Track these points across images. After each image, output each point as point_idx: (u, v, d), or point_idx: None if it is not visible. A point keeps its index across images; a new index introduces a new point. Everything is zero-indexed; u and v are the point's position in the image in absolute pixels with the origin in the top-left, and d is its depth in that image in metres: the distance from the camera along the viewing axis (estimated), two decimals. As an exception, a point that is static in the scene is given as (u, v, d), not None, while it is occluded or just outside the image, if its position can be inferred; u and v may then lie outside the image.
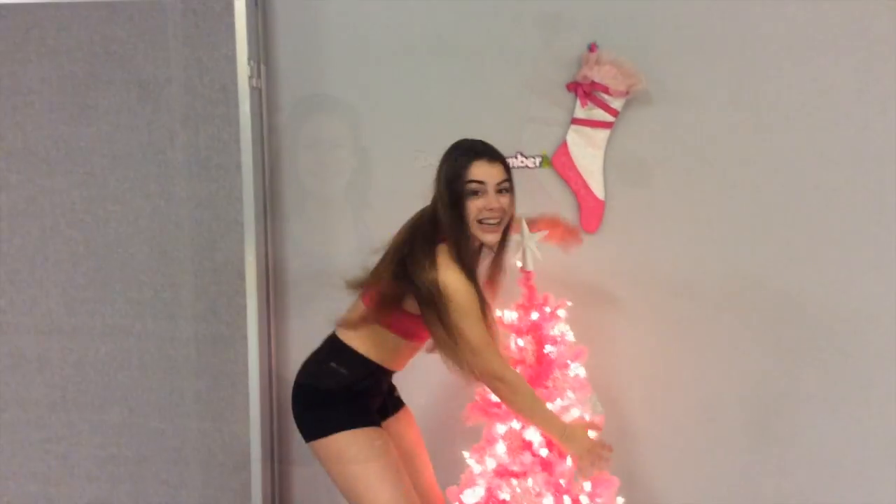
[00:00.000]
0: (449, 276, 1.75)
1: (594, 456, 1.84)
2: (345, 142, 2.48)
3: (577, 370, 1.95)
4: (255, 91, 2.39)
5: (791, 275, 2.36)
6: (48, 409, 2.59)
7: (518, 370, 1.91)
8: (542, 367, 1.91)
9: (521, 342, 1.93)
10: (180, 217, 2.47)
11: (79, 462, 2.61)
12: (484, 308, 1.78)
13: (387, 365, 1.94)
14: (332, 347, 1.94)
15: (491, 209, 1.81)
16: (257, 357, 2.43)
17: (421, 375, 2.08)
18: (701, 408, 2.44)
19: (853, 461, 2.41)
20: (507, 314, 1.99)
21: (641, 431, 2.46)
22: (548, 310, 1.97)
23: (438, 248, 1.80)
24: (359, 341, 1.91)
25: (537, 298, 1.98)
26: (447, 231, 1.81)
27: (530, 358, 1.91)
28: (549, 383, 1.90)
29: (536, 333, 1.93)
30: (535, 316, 1.94)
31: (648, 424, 2.46)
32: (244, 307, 2.42)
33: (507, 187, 1.84)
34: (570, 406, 1.91)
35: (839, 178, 2.31)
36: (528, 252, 1.98)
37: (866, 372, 2.36)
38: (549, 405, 1.88)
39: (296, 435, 1.96)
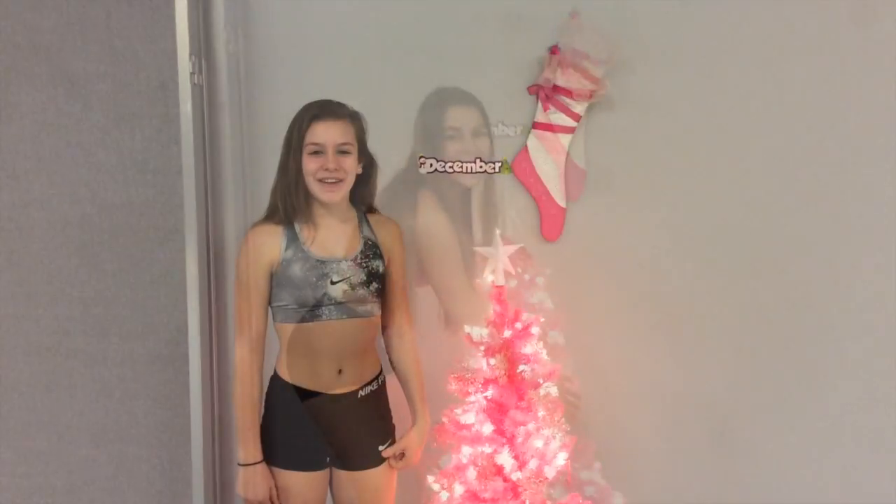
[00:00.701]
0: (430, 218, 1.99)
1: None
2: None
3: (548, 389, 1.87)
4: (197, 88, 2.21)
5: (759, 275, 2.35)
6: (-34, 437, 2.41)
7: (490, 391, 1.80)
8: (515, 387, 1.81)
9: (492, 361, 1.82)
10: (113, 225, 2.34)
11: (0, 493, 2.44)
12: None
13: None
14: None
15: (467, 151, 2.06)
16: (199, 377, 2.24)
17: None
18: (673, 408, 2.39)
19: (820, 450, 2.41)
20: (475, 331, 1.87)
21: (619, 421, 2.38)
22: (519, 326, 1.86)
23: (419, 194, 2.03)
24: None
25: (509, 314, 1.87)
26: (428, 179, 2.04)
27: (502, 378, 1.80)
28: (524, 404, 1.80)
29: (509, 351, 1.82)
30: (507, 333, 1.83)
31: (628, 418, 2.39)
32: (185, 324, 2.25)
33: (483, 132, 2.09)
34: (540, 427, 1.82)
35: (811, 182, 2.31)
36: (500, 266, 1.87)
37: (836, 370, 2.37)
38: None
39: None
